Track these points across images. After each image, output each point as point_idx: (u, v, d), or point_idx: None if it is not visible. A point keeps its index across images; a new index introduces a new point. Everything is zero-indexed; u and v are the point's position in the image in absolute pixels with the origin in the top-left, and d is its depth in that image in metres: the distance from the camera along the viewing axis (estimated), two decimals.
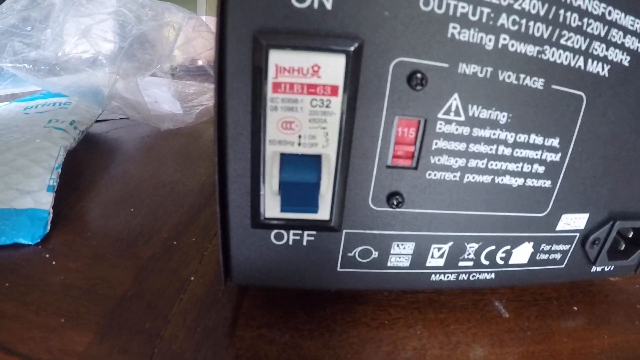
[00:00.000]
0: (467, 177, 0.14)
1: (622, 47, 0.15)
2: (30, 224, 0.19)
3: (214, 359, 0.14)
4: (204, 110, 0.35)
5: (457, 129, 0.13)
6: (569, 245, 0.18)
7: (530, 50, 0.13)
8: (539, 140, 0.15)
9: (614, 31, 0.14)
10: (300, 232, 0.14)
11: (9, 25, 0.32)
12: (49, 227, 0.19)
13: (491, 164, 0.14)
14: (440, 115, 0.13)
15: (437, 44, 0.12)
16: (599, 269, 0.19)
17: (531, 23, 0.13)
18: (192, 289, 0.17)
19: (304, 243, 0.14)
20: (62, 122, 0.25)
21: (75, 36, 0.29)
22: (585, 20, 0.14)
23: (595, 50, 0.14)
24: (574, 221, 0.17)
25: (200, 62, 0.41)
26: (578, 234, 0.17)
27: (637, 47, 0.15)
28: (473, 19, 0.12)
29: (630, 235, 0.19)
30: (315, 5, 0.11)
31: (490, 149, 0.14)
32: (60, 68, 0.27)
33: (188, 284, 0.17)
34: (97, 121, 0.30)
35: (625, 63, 0.15)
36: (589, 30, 0.14)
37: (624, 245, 0.19)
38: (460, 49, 0.13)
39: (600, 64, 0.15)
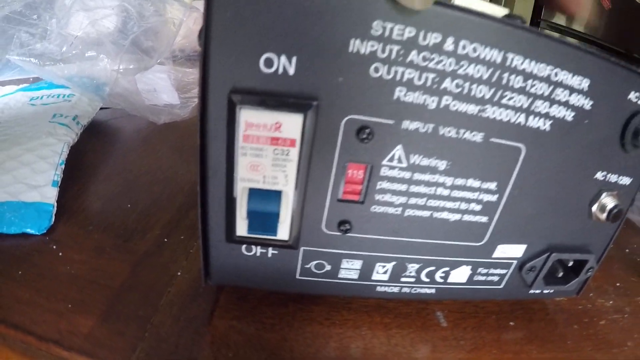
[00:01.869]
0: (408, 212, 0.18)
1: (566, 104, 0.17)
2: (37, 216, 0.23)
3: (192, 343, 0.19)
4: None
5: (399, 174, 0.17)
6: (506, 270, 0.21)
7: (472, 109, 0.16)
8: (476, 183, 0.18)
9: (559, 90, 0.17)
10: (266, 247, 0.18)
11: (14, 11, 0.35)
12: (53, 219, 0.24)
13: (430, 202, 0.18)
14: (384, 162, 0.17)
15: (384, 104, 0.16)
16: (537, 291, 0.23)
17: (474, 86, 0.16)
18: (179, 284, 0.22)
19: (269, 255, 0.19)
20: (66, 117, 0.29)
21: (79, 31, 0.32)
22: (529, 81, 0.16)
23: (537, 107, 0.17)
24: (511, 250, 0.21)
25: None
26: (515, 261, 0.21)
27: (583, 104, 0.17)
28: (418, 83, 0.16)
29: (570, 264, 0.23)
30: (280, 70, 0.15)
31: (429, 190, 0.18)
32: (65, 63, 0.31)
33: (175, 278, 0.22)
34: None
35: (569, 118, 0.17)
36: (532, 90, 0.16)
37: (562, 273, 0.23)
38: (404, 108, 0.16)
39: (542, 120, 0.17)
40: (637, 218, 0.33)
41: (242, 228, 0.17)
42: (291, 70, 0.15)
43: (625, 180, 0.20)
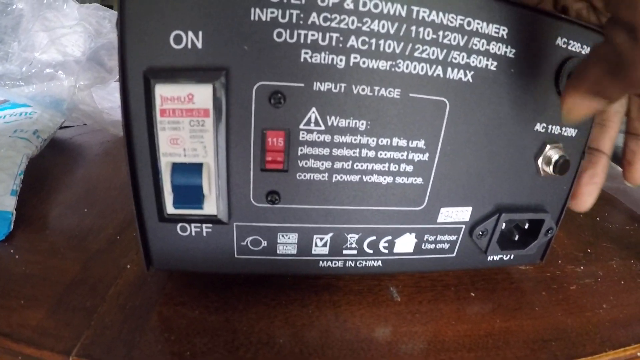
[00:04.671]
0: (335, 177, 0.20)
1: (486, 53, 0.19)
2: None
3: (136, 329, 0.21)
4: None
5: (318, 137, 0.19)
6: (456, 236, 0.23)
7: (383, 65, 0.18)
8: (402, 142, 0.20)
9: (475, 40, 0.18)
10: (199, 224, 0.20)
11: None
12: (12, 226, 0.27)
13: (356, 165, 0.20)
14: (301, 126, 0.19)
15: (292, 67, 0.18)
16: (495, 258, 0.24)
17: (381, 41, 0.18)
18: (127, 275, 0.24)
19: (204, 234, 0.21)
20: (26, 132, 0.33)
21: (39, 50, 0.36)
22: (440, 32, 0.18)
23: (455, 59, 0.19)
24: (456, 214, 0.22)
25: None
26: (464, 226, 0.23)
27: (505, 52, 0.19)
28: (323, 44, 0.17)
29: (526, 227, 0.24)
30: (189, 45, 0.17)
31: (354, 152, 0.20)
32: (25, 82, 0.35)
33: (124, 270, 0.24)
34: (62, 127, 0.38)
35: (492, 67, 0.19)
36: (445, 41, 0.18)
37: (517, 236, 0.24)
38: (313, 70, 0.18)
39: (462, 71, 0.19)
40: (604, 184, 0.33)
41: (170, 204, 0.20)
42: (199, 44, 0.17)
43: (570, 132, 0.22)
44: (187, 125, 0.18)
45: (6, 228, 0.26)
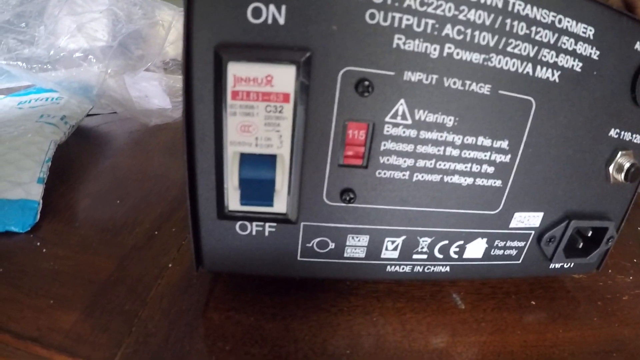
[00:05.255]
0: (416, 176, 0.17)
1: (573, 53, 0.17)
2: (21, 214, 0.22)
3: (184, 338, 0.17)
4: None
5: (404, 132, 0.16)
6: (524, 242, 0.20)
7: (476, 58, 0.15)
8: (487, 142, 0.17)
9: (564, 38, 0.16)
10: (262, 223, 0.17)
11: (4, 21, 0.35)
12: (38, 216, 0.22)
13: (439, 164, 0.17)
14: (387, 119, 0.15)
15: (383, 53, 0.15)
16: (557, 265, 0.21)
17: (477, 32, 0.15)
18: (169, 275, 0.20)
19: (266, 234, 0.17)
20: (54, 117, 0.28)
21: (67, 34, 0.32)
22: (533, 28, 0.16)
23: (545, 57, 0.16)
24: (528, 219, 0.19)
25: None
26: (533, 232, 0.20)
27: (590, 54, 0.17)
28: (418, 30, 0.15)
29: (589, 234, 0.21)
30: (270, 20, 0.14)
31: (438, 150, 0.16)
32: (52, 66, 0.30)
33: (166, 270, 0.20)
34: (88, 115, 0.33)
35: (577, 69, 0.17)
36: (537, 37, 0.16)
37: (582, 244, 0.21)
38: (405, 58, 0.15)
39: (550, 70, 0.16)
40: None
41: (234, 200, 0.16)
42: (281, 20, 0.14)
43: None
44: (262, 111, 0.14)
45: (32, 218, 0.22)
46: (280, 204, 0.16)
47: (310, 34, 0.14)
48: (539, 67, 0.16)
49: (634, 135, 0.19)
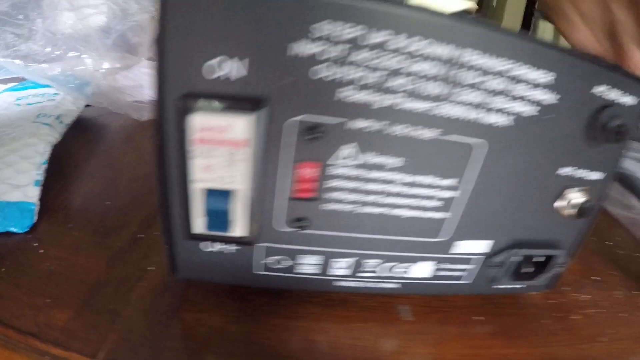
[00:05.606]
0: (361, 209, 0.18)
1: (529, 99, 0.17)
2: (20, 215, 0.24)
3: (160, 335, 0.20)
4: None
5: (351, 172, 0.17)
6: (474, 266, 0.21)
7: (424, 106, 0.16)
8: (435, 181, 0.18)
9: (521, 85, 0.17)
10: (223, 244, 0.19)
11: (2, 12, 0.36)
12: (36, 217, 0.25)
13: (384, 200, 0.18)
14: (336, 161, 0.17)
15: (328, 104, 0.16)
16: (506, 286, 0.23)
17: (425, 83, 0.16)
18: (150, 278, 0.22)
19: (227, 252, 0.19)
20: (49, 117, 0.30)
21: (64, 29, 0.33)
22: (486, 77, 0.16)
23: (497, 103, 0.17)
24: (477, 246, 0.21)
25: None
26: (482, 256, 0.21)
27: (549, 98, 0.17)
28: (361, 83, 0.16)
29: (543, 260, 0.23)
30: (234, 72, 0.15)
31: (384, 187, 0.18)
32: (48, 64, 0.32)
33: (147, 273, 0.23)
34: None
35: (534, 113, 0.17)
36: (490, 86, 0.16)
37: (531, 268, 0.23)
38: (350, 108, 0.16)
39: (503, 115, 0.17)
40: (619, 212, 0.32)
41: (199, 226, 0.18)
42: (243, 72, 0.15)
43: (595, 175, 0.20)
44: (223, 154, 0.16)
45: (30, 220, 0.25)
46: (240, 230, 0.18)
47: (268, 86, 0.15)
48: (492, 113, 0.17)
49: (588, 173, 0.20)
